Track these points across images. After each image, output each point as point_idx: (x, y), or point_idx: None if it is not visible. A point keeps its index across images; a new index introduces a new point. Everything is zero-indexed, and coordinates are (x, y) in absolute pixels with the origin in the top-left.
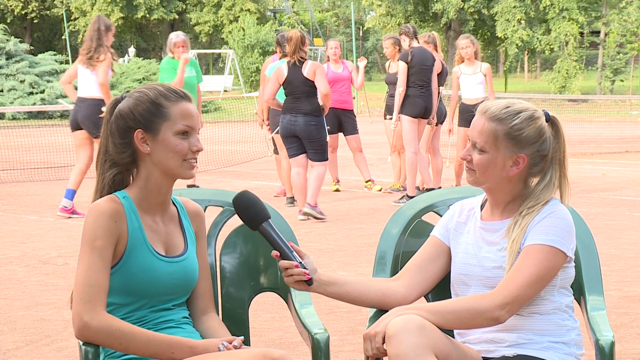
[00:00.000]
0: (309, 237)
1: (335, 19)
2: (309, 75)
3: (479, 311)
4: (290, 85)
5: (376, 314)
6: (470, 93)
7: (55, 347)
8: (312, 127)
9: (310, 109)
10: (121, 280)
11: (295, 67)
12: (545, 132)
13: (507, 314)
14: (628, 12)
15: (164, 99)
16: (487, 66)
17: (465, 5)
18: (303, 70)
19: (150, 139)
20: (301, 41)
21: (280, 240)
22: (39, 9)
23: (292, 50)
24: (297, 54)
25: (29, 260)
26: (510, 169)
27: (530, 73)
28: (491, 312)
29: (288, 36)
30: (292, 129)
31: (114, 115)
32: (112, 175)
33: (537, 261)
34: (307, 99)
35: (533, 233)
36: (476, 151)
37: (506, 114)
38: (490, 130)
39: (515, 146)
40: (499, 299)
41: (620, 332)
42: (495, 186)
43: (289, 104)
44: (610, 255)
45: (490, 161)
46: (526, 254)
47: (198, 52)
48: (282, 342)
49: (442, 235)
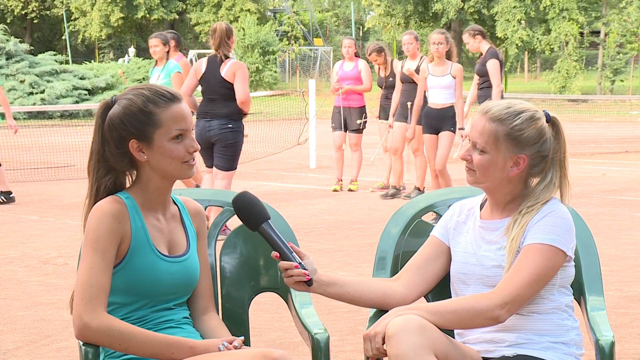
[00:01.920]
0: (309, 237)
1: (335, 19)
2: (228, 76)
3: (479, 311)
4: (207, 83)
5: (376, 314)
6: (434, 97)
7: (55, 347)
8: (227, 130)
9: (227, 112)
10: (123, 280)
11: (216, 64)
12: (545, 133)
13: (507, 314)
14: (628, 12)
15: (153, 106)
16: (458, 67)
17: (465, 5)
18: (222, 69)
19: (146, 147)
20: (227, 34)
21: (279, 241)
22: (39, 9)
23: (216, 44)
24: (222, 49)
25: (29, 260)
26: (511, 170)
27: (530, 73)
28: (491, 312)
29: (212, 28)
30: (207, 136)
31: (107, 124)
32: (111, 180)
33: (537, 260)
34: (224, 101)
35: (533, 232)
36: (476, 151)
37: (507, 114)
38: (491, 131)
39: (516, 147)
40: (499, 299)
41: (620, 332)
42: (496, 186)
43: (203, 106)
44: (610, 255)
45: (491, 162)
46: (526, 253)
47: (198, 52)
48: (282, 342)
49: (442, 235)
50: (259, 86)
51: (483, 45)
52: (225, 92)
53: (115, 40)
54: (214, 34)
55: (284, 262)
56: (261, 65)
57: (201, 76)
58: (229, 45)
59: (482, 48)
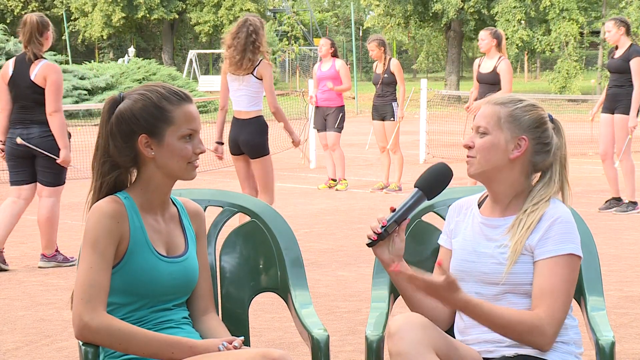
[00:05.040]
0: (309, 237)
1: (335, 19)
2: (38, 80)
3: (532, 326)
4: (17, 88)
5: (378, 319)
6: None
7: (55, 347)
8: (50, 139)
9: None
10: (122, 280)
11: (24, 65)
12: (546, 122)
13: (553, 341)
14: (628, 12)
15: (167, 103)
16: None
17: (465, 5)
18: (31, 72)
19: (155, 143)
20: (38, 28)
21: (406, 208)
22: (38, 9)
23: (25, 40)
24: (31, 46)
25: (29, 260)
26: (512, 152)
27: (530, 73)
28: (541, 336)
29: (22, 20)
30: (21, 147)
31: (115, 117)
32: (113, 177)
33: (567, 277)
34: (40, 107)
35: (547, 243)
36: (478, 136)
37: (509, 99)
38: (494, 112)
39: (517, 127)
40: (550, 325)
41: (620, 332)
42: (496, 173)
43: (16, 114)
44: (610, 255)
45: (493, 143)
46: (552, 269)
47: (198, 52)
48: (282, 342)
49: (447, 242)
50: None
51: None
52: (38, 99)
53: (115, 40)
54: (23, 27)
55: (383, 217)
56: None
57: (9, 80)
58: (40, 42)
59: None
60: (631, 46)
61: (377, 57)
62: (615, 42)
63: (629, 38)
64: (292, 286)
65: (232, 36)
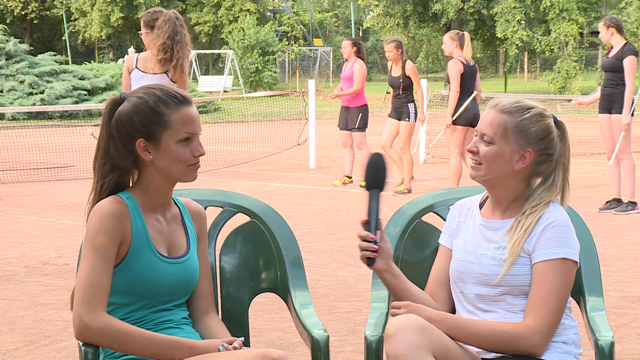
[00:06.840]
0: (309, 237)
1: (335, 20)
2: None
3: (515, 335)
4: None
5: (377, 319)
6: None
7: (55, 347)
8: None
9: None
10: (123, 280)
11: None
12: (552, 132)
13: (545, 344)
14: (628, 12)
15: (164, 106)
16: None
17: (465, 5)
18: None
19: (153, 147)
20: None
21: (375, 213)
22: (38, 10)
23: None
24: None
25: (29, 260)
26: (517, 164)
27: (530, 73)
28: (528, 340)
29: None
30: None
31: (115, 120)
32: (115, 178)
33: (559, 282)
34: None
35: (542, 247)
36: (484, 143)
37: (516, 108)
38: (500, 122)
39: (523, 140)
40: (536, 327)
41: (620, 332)
42: (499, 181)
43: None
44: (610, 255)
45: (498, 153)
46: (544, 273)
47: (198, 52)
48: (282, 343)
49: (447, 241)
50: (258, 86)
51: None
52: None
53: (114, 41)
54: None
55: (364, 232)
56: (261, 65)
57: None
58: None
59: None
60: (625, 45)
61: (393, 59)
62: (607, 42)
63: (622, 37)
64: (292, 286)
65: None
